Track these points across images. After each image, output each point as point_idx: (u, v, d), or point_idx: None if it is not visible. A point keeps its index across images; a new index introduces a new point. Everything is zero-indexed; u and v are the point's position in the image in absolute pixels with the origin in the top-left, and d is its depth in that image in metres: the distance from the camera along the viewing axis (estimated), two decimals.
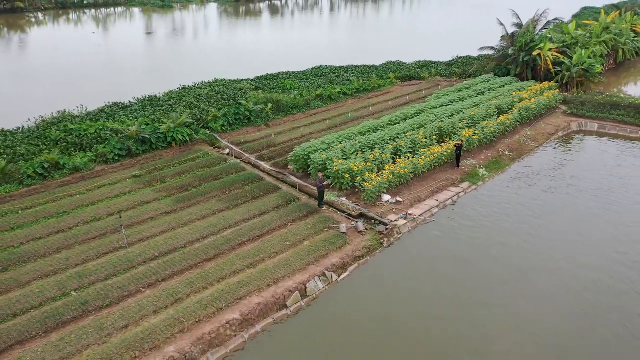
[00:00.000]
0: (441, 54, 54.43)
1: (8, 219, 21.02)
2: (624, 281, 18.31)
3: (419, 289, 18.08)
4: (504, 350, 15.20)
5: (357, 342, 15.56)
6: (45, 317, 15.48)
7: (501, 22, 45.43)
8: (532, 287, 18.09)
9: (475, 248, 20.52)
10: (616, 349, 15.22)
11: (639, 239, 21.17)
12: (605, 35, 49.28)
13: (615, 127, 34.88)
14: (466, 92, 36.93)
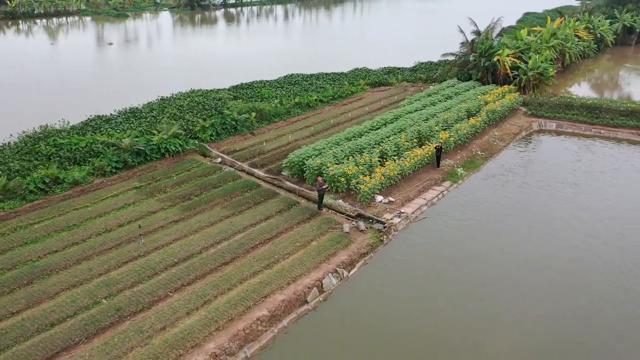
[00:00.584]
0: (402, 60, 56.94)
1: (20, 234, 21.40)
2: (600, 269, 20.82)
3: (420, 279, 19.89)
4: (498, 314, 17.22)
5: (372, 329, 17.18)
6: (84, 325, 16.26)
7: (461, 29, 48.37)
8: (514, 267, 20.28)
9: (465, 240, 22.57)
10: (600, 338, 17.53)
11: (610, 229, 23.82)
12: (553, 40, 53.16)
13: (572, 126, 38.16)
14: (435, 96, 39.32)
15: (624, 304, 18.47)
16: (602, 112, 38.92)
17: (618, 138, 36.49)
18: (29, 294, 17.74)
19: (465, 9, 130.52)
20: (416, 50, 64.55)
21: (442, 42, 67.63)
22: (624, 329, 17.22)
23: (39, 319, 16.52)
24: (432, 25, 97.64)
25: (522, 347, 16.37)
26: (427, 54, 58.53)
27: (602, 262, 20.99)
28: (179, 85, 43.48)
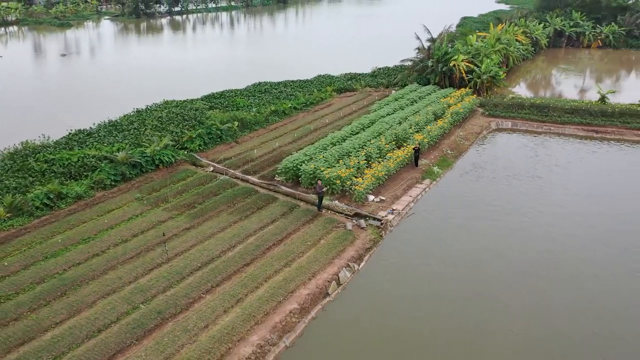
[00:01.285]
0: (358, 65, 59.71)
1: (37, 249, 21.93)
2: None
3: (420, 266, 22.22)
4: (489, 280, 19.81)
5: (389, 313, 19.29)
6: (131, 328, 17.36)
7: (418, 36, 51.60)
8: (495, 249, 23.06)
9: (453, 232, 25.15)
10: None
11: (573, 216, 27.16)
12: (498, 45, 57.50)
13: (525, 124, 41.99)
14: (402, 101, 42.07)
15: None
16: (550, 111, 43.04)
17: (566, 134, 40.58)
18: (66, 304, 18.56)
19: (406, 14, 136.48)
20: (368, 56, 67.57)
21: (391, 47, 71.44)
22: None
23: (85, 326, 17.44)
24: (377, 30, 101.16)
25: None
26: (380, 59, 61.82)
27: (582, 245, 24.15)
28: (148, 96, 44.05)
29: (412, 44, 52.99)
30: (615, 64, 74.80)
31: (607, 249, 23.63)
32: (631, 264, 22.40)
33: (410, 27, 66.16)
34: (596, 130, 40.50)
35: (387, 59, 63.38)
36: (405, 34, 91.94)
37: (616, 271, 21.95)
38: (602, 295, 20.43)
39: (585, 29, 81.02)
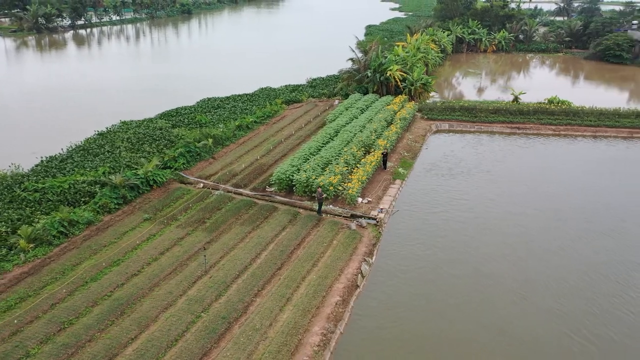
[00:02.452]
0: (290, 77, 62.95)
1: (73, 275, 22.61)
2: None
3: (420, 251, 26.03)
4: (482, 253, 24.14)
5: (409, 293, 22.82)
6: (205, 334, 19.20)
7: (352, 48, 55.93)
8: (471, 232, 27.60)
9: (435, 221, 29.30)
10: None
11: (524, 203, 32.52)
12: (419, 53, 63.59)
13: (459, 125, 47.74)
14: (353, 110, 45.88)
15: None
16: (477, 112, 49.22)
17: (494, 131, 46.84)
18: (132, 321, 19.86)
19: (311, 23, 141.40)
20: (294, 68, 71.09)
21: (316, 58, 75.36)
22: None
23: (161, 337, 18.97)
24: (293, 40, 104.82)
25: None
26: (309, 70, 65.75)
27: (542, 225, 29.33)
28: (94, 118, 44.36)
29: (334, 55, 57.23)
30: (508, 65, 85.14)
31: (561, 223, 29.05)
32: (573, 232, 27.91)
33: (324, 38, 69.90)
34: (518, 127, 47.19)
35: (317, 69, 67.35)
36: (324, 44, 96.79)
37: (563, 237, 27.30)
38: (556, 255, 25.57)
39: (481, 35, 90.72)
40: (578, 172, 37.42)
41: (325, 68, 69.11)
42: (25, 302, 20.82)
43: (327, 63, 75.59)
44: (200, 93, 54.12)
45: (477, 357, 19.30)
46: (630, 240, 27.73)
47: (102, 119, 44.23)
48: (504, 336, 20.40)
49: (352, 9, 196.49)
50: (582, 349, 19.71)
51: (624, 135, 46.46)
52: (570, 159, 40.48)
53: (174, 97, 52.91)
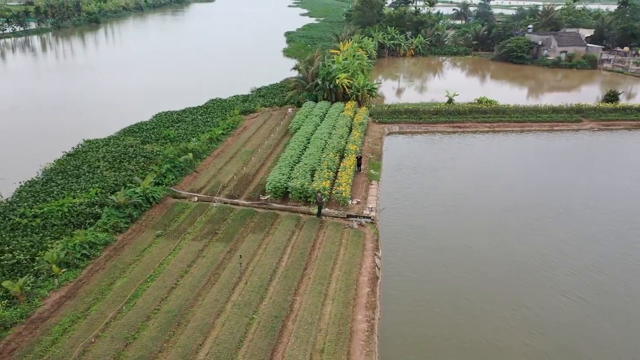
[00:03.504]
0: (234, 88, 64.36)
1: (113, 294, 23.30)
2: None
3: (416, 238, 29.53)
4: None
5: (419, 276, 26.20)
6: (266, 332, 21.10)
7: (301, 60, 58.57)
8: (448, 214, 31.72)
9: (420, 213, 32.96)
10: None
11: (482, 193, 37.19)
12: (356, 61, 67.65)
13: (408, 127, 52.17)
14: (313, 118, 48.56)
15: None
16: (421, 113, 53.99)
17: (438, 131, 51.79)
18: (193, 329, 21.23)
19: (224, 29, 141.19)
20: (232, 77, 72.44)
21: (252, 68, 76.92)
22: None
23: (226, 341, 20.53)
24: (218, 49, 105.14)
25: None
26: (248, 79, 67.58)
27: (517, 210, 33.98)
28: (46, 137, 43.71)
29: (266, 62, 59.60)
30: (427, 67, 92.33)
31: (525, 208, 33.95)
32: (536, 214, 32.92)
33: (249, 45, 71.23)
34: (458, 126, 52.53)
35: (256, 78, 69.25)
36: (251, 52, 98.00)
37: (530, 218, 32.18)
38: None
39: (400, 41, 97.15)
40: (524, 164, 43.02)
41: (263, 76, 71.16)
42: (78, 324, 21.38)
43: (264, 71, 77.83)
44: (151, 107, 53.92)
45: (478, 308, 23.00)
46: (578, 220, 33.19)
47: (59, 138, 43.26)
48: (492, 289, 24.33)
49: (262, 14, 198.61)
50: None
51: (545, 128, 53.40)
52: (511, 152, 46.22)
53: (125, 113, 52.44)
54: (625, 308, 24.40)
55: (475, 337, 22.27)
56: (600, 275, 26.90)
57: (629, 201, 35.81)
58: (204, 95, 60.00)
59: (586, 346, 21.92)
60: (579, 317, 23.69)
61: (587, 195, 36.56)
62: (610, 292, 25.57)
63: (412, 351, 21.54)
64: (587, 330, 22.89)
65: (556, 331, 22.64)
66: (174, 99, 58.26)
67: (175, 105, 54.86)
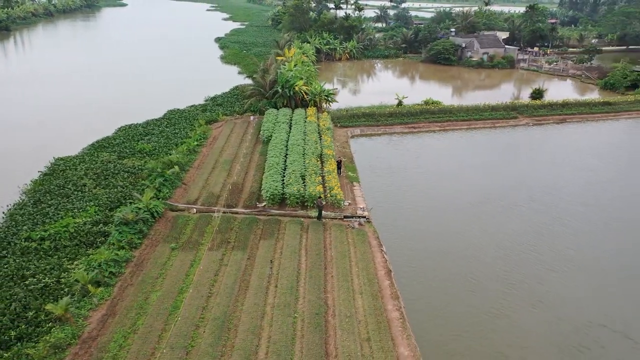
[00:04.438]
0: (186, 97, 64.44)
1: (153, 308, 23.97)
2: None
3: (410, 228, 32.54)
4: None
5: (425, 265, 29.20)
6: (314, 328, 22.93)
7: (258, 66, 59.84)
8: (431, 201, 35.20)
9: (404, 209, 36.02)
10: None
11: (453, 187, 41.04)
12: (305, 67, 69.99)
13: (368, 129, 55.31)
14: (282, 125, 50.22)
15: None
16: (377, 116, 57.37)
17: (396, 132, 55.42)
18: (245, 332, 22.59)
19: (148, 35, 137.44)
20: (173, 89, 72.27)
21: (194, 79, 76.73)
22: None
23: (280, 341, 22.10)
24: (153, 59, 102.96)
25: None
26: (195, 88, 67.95)
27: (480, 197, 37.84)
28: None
29: (210, 70, 60.10)
30: (362, 70, 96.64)
31: (494, 198, 38.05)
32: (503, 203, 37.15)
33: (182, 52, 70.76)
34: (414, 127, 56.48)
35: (205, 86, 69.52)
36: (188, 60, 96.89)
37: (500, 206, 36.35)
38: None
39: (336, 45, 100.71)
40: (481, 158, 47.48)
41: (211, 84, 71.52)
42: (131, 339, 22.05)
43: (211, 79, 78.08)
44: (110, 122, 52.85)
45: (484, 285, 26.40)
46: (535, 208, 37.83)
47: (23, 158, 42.00)
48: (488, 268, 27.89)
49: (183, 19, 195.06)
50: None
51: (488, 125, 58.75)
52: (465, 148, 50.71)
53: (83, 128, 51.21)
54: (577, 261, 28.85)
55: (488, 309, 25.57)
56: (570, 251, 31.30)
57: (576, 188, 41.11)
58: (157, 105, 59.44)
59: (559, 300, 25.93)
60: (560, 282, 27.74)
61: (546, 185, 41.51)
62: (573, 251, 30.00)
63: (440, 331, 24.34)
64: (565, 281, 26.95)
65: (540, 291, 26.48)
66: (129, 112, 57.31)
67: (135, 118, 54.14)
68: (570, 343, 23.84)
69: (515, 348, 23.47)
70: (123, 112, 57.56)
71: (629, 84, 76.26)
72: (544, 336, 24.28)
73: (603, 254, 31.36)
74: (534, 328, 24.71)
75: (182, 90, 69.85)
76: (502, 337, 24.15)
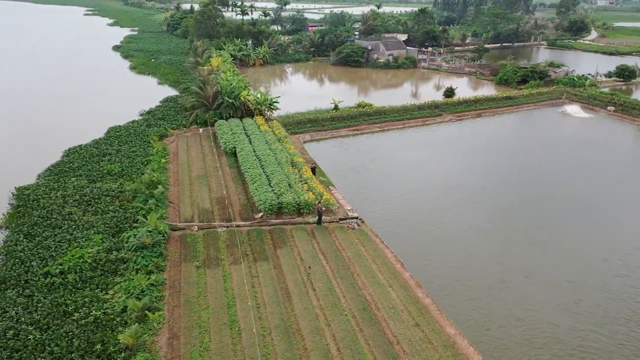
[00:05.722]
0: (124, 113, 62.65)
1: (210, 324, 24.95)
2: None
3: (404, 227, 36.28)
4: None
5: (426, 248, 33.09)
6: (368, 321, 25.54)
7: (159, 78, 59.76)
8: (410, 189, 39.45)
9: (391, 209, 39.66)
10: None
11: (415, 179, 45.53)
12: (237, 76, 70.87)
13: (317, 134, 58.12)
14: (239, 136, 51.24)
15: None
16: (321, 121, 60.41)
17: (342, 135, 58.86)
18: (310, 334, 24.55)
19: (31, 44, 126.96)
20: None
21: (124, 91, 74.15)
22: None
23: (345, 337, 24.53)
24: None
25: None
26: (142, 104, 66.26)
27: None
28: None
29: (124, 84, 59.57)
30: (276, 75, 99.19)
31: (453, 188, 43.06)
32: (462, 193, 42.40)
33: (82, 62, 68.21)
34: (357, 129, 60.36)
35: (132, 100, 67.65)
36: (95, 72, 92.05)
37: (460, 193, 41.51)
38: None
39: (249, 51, 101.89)
40: (427, 153, 52.51)
41: (138, 98, 69.85)
42: (207, 358, 23.00)
43: (135, 93, 75.81)
44: (51, 145, 50.07)
45: (483, 262, 30.94)
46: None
47: None
48: (485, 243, 32.57)
49: (62, 25, 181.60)
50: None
51: (420, 123, 64.46)
52: (411, 145, 55.63)
53: (27, 155, 48.12)
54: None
55: (496, 277, 29.92)
56: (537, 229, 37.07)
57: (522, 174, 47.71)
58: (94, 125, 56.75)
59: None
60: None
61: (498, 172, 47.78)
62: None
63: (465, 306, 28.16)
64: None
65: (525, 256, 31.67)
66: (67, 133, 54.37)
67: (78, 139, 51.54)
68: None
69: (524, 310, 27.91)
70: (60, 133, 54.49)
71: (520, 79, 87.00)
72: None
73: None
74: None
75: (111, 106, 67.13)
76: (515, 301, 28.48)
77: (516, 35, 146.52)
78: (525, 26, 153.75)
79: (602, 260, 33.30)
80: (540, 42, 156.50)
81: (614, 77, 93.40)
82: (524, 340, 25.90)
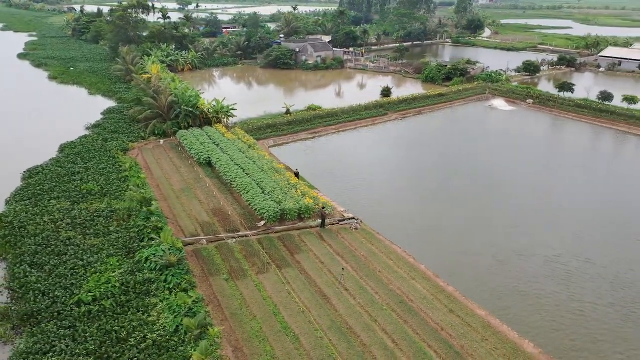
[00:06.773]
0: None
1: (262, 334, 25.81)
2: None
3: (401, 222, 38.95)
4: None
5: (429, 239, 36.03)
6: (406, 312, 27.74)
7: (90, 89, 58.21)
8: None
9: (380, 208, 42.11)
10: None
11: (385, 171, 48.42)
12: (181, 84, 69.52)
13: (279, 139, 59.11)
14: (209, 145, 50.99)
15: None
16: (279, 126, 61.48)
17: (302, 139, 60.38)
18: (363, 330, 26.22)
19: None
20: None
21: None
22: None
23: (395, 330, 26.49)
24: None
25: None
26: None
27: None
28: None
29: (49, 97, 58.72)
30: (208, 80, 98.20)
31: (424, 180, 46.50)
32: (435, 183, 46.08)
33: None
34: (315, 132, 62.13)
35: (68, 114, 64.43)
36: None
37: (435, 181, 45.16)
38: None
39: (178, 57, 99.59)
40: (391, 151, 55.60)
41: (73, 111, 66.57)
42: None
43: (68, 105, 71.89)
44: (4, 168, 46.82)
45: (485, 251, 34.46)
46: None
47: None
48: (485, 227, 36.19)
49: None
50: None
51: (369, 123, 67.64)
52: (372, 144, 58.46)
53: None
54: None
55: (501, 258, 33.36)
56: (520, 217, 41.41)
57: (488, 166, 52.30)
58: (43, 142, 53.66)
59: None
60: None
61: (470, 165, 51.88)
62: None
63: (482, 289, 31.24)
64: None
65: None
66: (14, 155, 50.94)
67: (31, 160, 48.34)
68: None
69: (528, 282, 31.52)
70: (6, 157, 50.77)
71: (444, 77, 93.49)
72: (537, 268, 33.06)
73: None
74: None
75: (50, 121, 63.22)
76: (519, 275, 31.99)
77: (425, 33, 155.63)
78: (432, 25, 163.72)
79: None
80: (445, 40, 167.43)
81: (522, 72, 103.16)
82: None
